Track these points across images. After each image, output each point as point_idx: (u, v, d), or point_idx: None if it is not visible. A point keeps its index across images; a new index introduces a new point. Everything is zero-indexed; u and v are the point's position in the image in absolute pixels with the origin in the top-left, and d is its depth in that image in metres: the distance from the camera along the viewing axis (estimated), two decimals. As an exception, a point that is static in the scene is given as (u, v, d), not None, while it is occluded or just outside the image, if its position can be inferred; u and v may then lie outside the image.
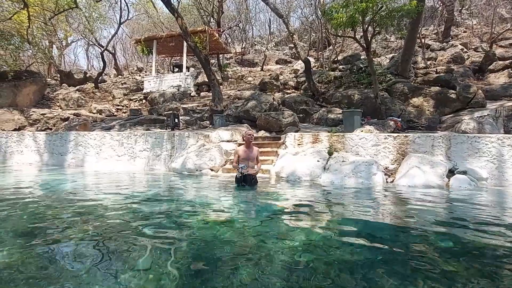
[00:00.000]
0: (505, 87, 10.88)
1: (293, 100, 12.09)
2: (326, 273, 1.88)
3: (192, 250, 2.25)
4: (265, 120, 9.04)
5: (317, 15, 19.34)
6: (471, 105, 9.75)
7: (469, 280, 1.80)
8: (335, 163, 6.07)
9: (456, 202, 4.29)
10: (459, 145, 5.97)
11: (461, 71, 12.63)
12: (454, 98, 9.91)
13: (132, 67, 27.99)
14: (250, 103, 10.38)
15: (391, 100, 10.66)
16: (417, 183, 5.31)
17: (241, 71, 20.27)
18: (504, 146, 5.72)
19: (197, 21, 24.46)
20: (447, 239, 2.58)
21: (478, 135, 6.28)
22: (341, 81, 13.25)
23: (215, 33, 17.36)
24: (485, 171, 5.72)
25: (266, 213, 3.51)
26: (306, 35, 25.24)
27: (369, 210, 3.85)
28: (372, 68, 10.24)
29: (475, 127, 7.39)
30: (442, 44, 17.40)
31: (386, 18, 9.24)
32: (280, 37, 30.11)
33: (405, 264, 2.06)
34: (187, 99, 15.80)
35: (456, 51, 14.72)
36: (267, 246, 2.36)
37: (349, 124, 7.93)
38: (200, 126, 10.83)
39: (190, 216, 3.31)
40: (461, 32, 20.96)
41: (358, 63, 14.17)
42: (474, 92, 9.87)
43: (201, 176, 6.50)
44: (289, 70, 18.59)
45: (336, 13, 9.52)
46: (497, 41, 16.69)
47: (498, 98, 10.35)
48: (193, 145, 7.55)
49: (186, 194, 4.82)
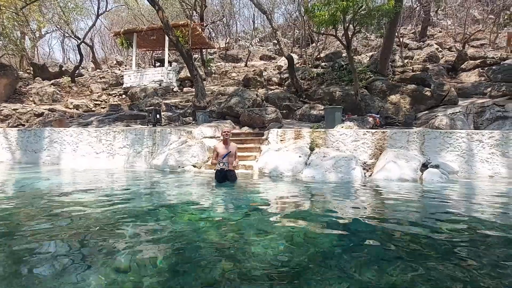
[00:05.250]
0: (476, 85, 11.48)
1: (276, 96, 12.17)
2: (307, 265, 1.95)
3: (173, 247, 2.25)
4: (249, 116, 9.06)
5: (300, 12, 19.47)
6: (445, 102, 10.23)
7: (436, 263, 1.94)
8: (316, 158, 6.21)
9: (428, 194, 4.53)
10: (432, 140, 6.27)
11: (436, 70, 13.18)
12: (429, 95, 10.35)
13: (111, 60, 27.02)
14: (233, 99, 10.35)
15: (371, 97, 10.98)
16: (393, 177, 5.54)
17: (225, 67, 20.11)
18: (472, 141, 6.07)
19: (179, 15, 23.93)
20: (418, 229, 2.74)
21: (450, 130, 6.63)
22: (323, 78, 13.46)
23: (198, 27, 17.08)
24: (455, 164, 6.06)
25: (248, 209, 3.56)
26: (289, 32, 25.34)
27: (348, 203, 4.00)
28: (353, 66, 10.48)
29: (448, 123, 7.78)
30: (419, 44, 18.06)
31: (366, 17, 9.46)
32: (264, 33, 30.07)
33: (380, 252, 2.18)
34: (170, 95, 15.51)
35: (432, 51, 15.32)
36: (249, 241, 2.40)
37: (330, 120, 8.11)
38: (183, 122, 10.69)
39: (171, 213, 3.31)
40: (437, 32, 21.82)
41: (340, 61, 14.43)
42: (447, 90, 10.35)
43: (184, 173, 6.45)
44: (273, 66, 18.64)
45: (318, 11, 9.64)
46: (469, 42, 17.53)
47: (469, 96, 10.92)
48: (175, 142, 7.46)
49: (167, 191, 4.78)
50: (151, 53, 24.05)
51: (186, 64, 11.45)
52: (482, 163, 5.96)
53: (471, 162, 6.02)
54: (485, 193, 4.71)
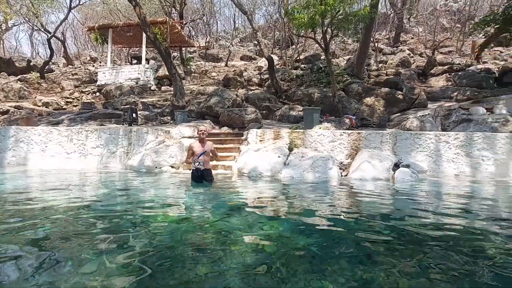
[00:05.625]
0: (443, 89, 12.20)
1: (256, 97, 12.22)
2: (285, 264, 1.97)
3: (148, 249, 2.20)
4: (228, 116, 9.03)
5: (280, 14, 19.68)
6: (415, 105, 10.78)
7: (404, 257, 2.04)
8: (295, 158, 6.31)
9: (399, 193, 4.76)
10: (403, 141, 6.58)
11: (407, 74, 13.85)
12: (401, 98, 10.86)
13: (84, 56, 25.83)
14: (213, 99, 10.27)
15: (347, 99, 11.33)
16: (368, 176, 5.75)
17: (205, 66, 19.89)
18: (440, 142, 6.45)
19: (158, 11, 23.34)
20: (389, 226, 2.87)
21: (420, 132, 6.99)
22: (303, 80, 13.71)
23: (177, 25, 16.76)
24: (425, 164, 6.40)
25: (226, 209, 3.55)
26: (270, 33, 25.54)
27: (325, 203, 4.10)
28: (331, 68, 10.77)
29: (418, 125, 8.20)
30: (393, 49, 18.89)
31: (343, 21, 9.76)
32: (245, 33, 30.08)
33: (355, 249, 2.26)
34: (147, 93, 15.09)
35: (404, 56, 16.09)
36: (227, 241, 2.39)
37: (309, 121, 8.27)
38: (161, 122, 10.45)
39: (147, 214, 3.23)
40: (409, 38, 22.92)
41: (318, 63, 14.77)
42: (417, 93, 10.92)
43: (161, 174, 6.31)
44: (253, 67, 18.70)
45: (298, 13, 9.81)
46: (438, 48, 18.59)
47: (437, 100, 11.58)
48: (152, 142, 7.27)
49: (143, 192, 4.65)
50: (128, 50, 23.27)
51: (164, 62, 11.20)
52: (448, 163, 6.34)
53: (438, 161, 6.39)
54: (451, 191, 5.02)
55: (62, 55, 23.33)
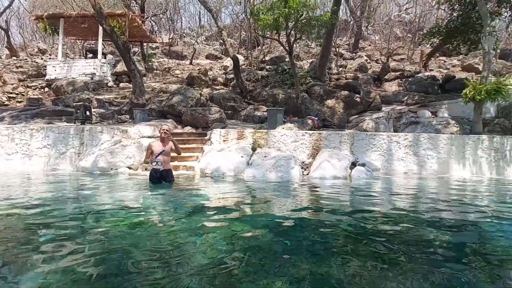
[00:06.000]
0: (396, 94, 13.20)
1: (221, 97, 12.09)
2: (246, 264, 1.96)
3: (101, 256, 2.05)
4: (191, 116, 8.80)
5: (246, 14, 19.74)
6: (371, 108, 11.50)
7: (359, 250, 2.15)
8: (258, 158, 6.34)
9: (355, 190, 5.02)
10: (360, 141, 6.97)
11: (365, 79, 14.74)
12: (359, 101, 11.51)
13: (32, 47, 23.42)
14: (175, 97, 9.94)
15: (310, 100, 11.71)
16: (327, 175, 5.99)
17: (168, 63, 19.20)
18: (392, 142, 6.94)
19: (117, 3, 21.99)
20: (345, 221, 3.00)
21: (374, 133, 7.47)
22: (268, 81, 13.88)
23: (138, 19, 15.93)
24: (378, 162, 6.84)
25: (185, 210, 3.44)
26: (236, 33, 25.48)
27: (286, 201, 4.17)
28: (294, 70, 11.04)
29: (373, 126, 8.75)
30: (352, 54, 19.98)
31: (306, 25, 10.07)
32: (211, 32, 29.63)
33: (313, 244, 2.33)
34: (103, 90, 14.13)
35: (362, 62, 17.11)
36: (186, 244, 2.33)
37: (273, 122, 8.39)
38: (118, 121, 9.84)
39: (100, 219, 3.00)
40: (367, 45, 24.42)
41: (283, 65, 15.06)
42: (373, 97, 11.67)
43: (117, 176, 5.93)
44: (219, 66, 18.50)
45: (263, 15, 9.91)
46: (392, 56, 20.07)
47: (390, 103, 12.49)
48: (107, 141, 6.81)
49: (96, 195, 4.32)
50: (83, 43, 21.61)
51: (123, 57, 10.58)
52: (399, 161, 6.85)
53: (390, 160, 6.88)
54: (400, 187, 5.42)
55: (5, 46, 20.90)
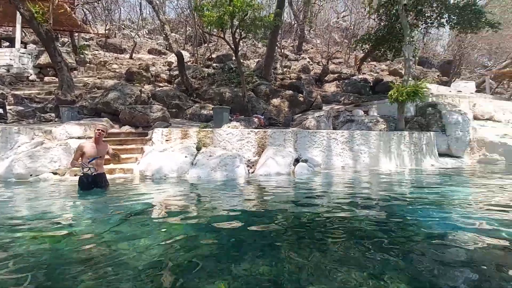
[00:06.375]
0: (334, 94, 14.25)
1: (165, 94, 11.49)
2: (186, 265, 1.90)
3: (22, 273, 1.80)
4: (130, 114, 8.15)
5: (191, 9, 19.11)
6: (313, 107, 12.21)
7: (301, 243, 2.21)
8: (202, 158, 6.17)
9: (298, 185, 5.23)
10: (302, 138, 7.31)
11: (307, 79, 15.58)
12: (302, 100, 12.11)
13: None
14: (111, 94, 9.09)
15: (256, 99, 11.90)
16: (272, 171, 6.13)
17: (104, 56, 17.53)
18: (331, 139, 7.43)
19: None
20: (288, 216, 3.08)
21: (316, 130, 7.91)
22: (214, 79, 13.67)
23: (66, 5, 14.15)
24: (319, 158, 7.26)
25: (120, 216, 3.14)
26: (182, 28, 24.52)
27: (230, 200, 4.13)
28: (241, 69, 11.08)
29: (315, 125, 9.28)
30: (296, 56, 20.94)
31: (251, 25, 10.17)
32: (154, 25, 27.98)
33: (257, 241, 2.34)
34: (23, 84, 12.22)
35: (305, 63, 18.04)
36: (118, 251, 2.16)
37: (219, 120, 8.27)
38: (41, 120, 8.60)
39: (18, 234, 2.57)
40: (310, 48, 25.84)
41: (230, 63, 15.02)
42: (315, 97, 12.40)
43: (38, 183, 5.16)
44: (162, 62, 17.54)
45: (207, 11, 9.69)
46: (332, 59, 21.62)
47: (330, 103, 13.43)
48: (25, 144, 5.88)
49: (10, 207, 3.69)
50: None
51: (46, 47, 9.27)
52: (337, 157, 7.38)
53: (329, 156, 7.36)
54: (338, 180, 5.84)
55: None
